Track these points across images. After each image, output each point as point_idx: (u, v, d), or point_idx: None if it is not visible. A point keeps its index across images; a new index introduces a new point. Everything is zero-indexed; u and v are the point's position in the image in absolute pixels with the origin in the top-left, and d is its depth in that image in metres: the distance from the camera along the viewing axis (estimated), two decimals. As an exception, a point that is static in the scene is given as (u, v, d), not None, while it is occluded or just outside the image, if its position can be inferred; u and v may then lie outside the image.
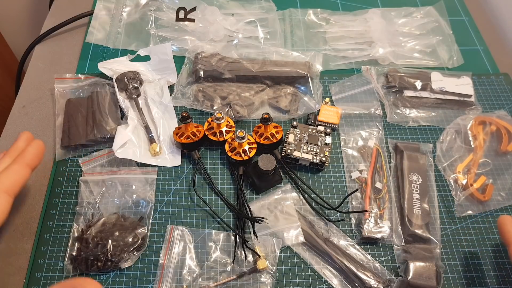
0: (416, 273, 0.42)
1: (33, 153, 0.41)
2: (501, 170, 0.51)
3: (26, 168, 0.41)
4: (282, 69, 0.56)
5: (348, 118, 0.55)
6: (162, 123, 0.53)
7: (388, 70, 0.58)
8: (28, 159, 0.41)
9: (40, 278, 0.42)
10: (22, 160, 0.41)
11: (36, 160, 0.42)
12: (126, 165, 0.49)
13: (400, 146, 0.51)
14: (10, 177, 0.39)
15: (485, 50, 0.65)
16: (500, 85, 0.60)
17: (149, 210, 0.46)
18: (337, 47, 0.63)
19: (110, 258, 0.42)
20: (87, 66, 0.59)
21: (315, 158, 0.49)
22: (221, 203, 0.48)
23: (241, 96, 0.54)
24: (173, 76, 0.56)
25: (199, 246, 0.44)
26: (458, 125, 0.54)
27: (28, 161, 0.41)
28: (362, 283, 0.42)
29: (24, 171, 0.40)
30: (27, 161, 0.41)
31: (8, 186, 0.39)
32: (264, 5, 0.66)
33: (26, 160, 0.41)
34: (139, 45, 0.61)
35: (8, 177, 0.39)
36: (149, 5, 0.65)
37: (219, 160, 0.51)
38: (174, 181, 0.49)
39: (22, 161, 0.40)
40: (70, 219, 0.45)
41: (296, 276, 0.43)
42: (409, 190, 0.48)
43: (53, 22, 0.63)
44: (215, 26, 0.61)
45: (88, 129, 0.50)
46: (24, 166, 0.40)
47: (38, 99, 0.56)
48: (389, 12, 0.66)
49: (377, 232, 0.45)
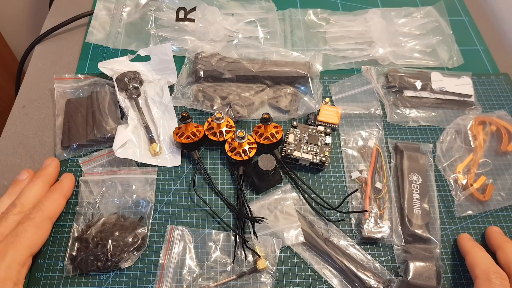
0: (416, 273, 0.42)
1: (70, 185, 0.46)
2: (501, 170, 0.51)
3: (64, 199, 0.45)
4: (282, 69, 0.56)
5: (348, 118, 0.55)
6: (162, 123, 0.53)
7: (388, 70, 0.58)
8: (66, 191, 0.45)
9: (40, 278, 0.42)
10: (61, 191, 0.45)
11: (71, 192, 0.46)
12: (126, 165, 0.49)
13: (400, 146, 0.51)
14: (53, 206, 0.43)
15: (485, 50, 0.65)
16: (500, 85, 0.60)
17: (149, 210, 0.46)
18: (337, 47, 0.63)
19: (110, 258, 0.42)
20: (87, 66, 0.59)
21: (315, 158, 0.49)
22: (221, 203, 0.48)
23: (241, 96, 0.54)
24: (173, 76, 0.56)
25: (199, 246, 0.44)
26: (458, 125, 0.54)
27: (65, 192, 0.45)
28: (362, 283, 0.42)
29: (63, 202, 0.45)
30: (65, 193, 0.45)
31: (52, 214, 0.43)
32: (264, 5, 0.66)
33: (64, 192, 0.45)
34: (139, 45, 0.61)
35: (52, 206, 0.43)
36: (149, 5, 0.65)
37: (219, 160, 0.51)
38: (174, 181, 0.49)
39: (61, 192, 0.45)
40: (70, 219, 0.45)
41: (296, 276, 0.43)
42: (409, 190, 0.48)
43: (53, 22, 0.63)
44: (215, 26, 0.61)
45: (88, 129, 0.50)
46: (63, 197, 0.45)
47: (38, 99, 0.56)
48: (389, 12, 0.66)
49: (377, 232, 0.45)
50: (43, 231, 0.41)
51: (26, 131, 0.53)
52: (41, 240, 0.41)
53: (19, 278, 0.38)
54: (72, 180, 0.47)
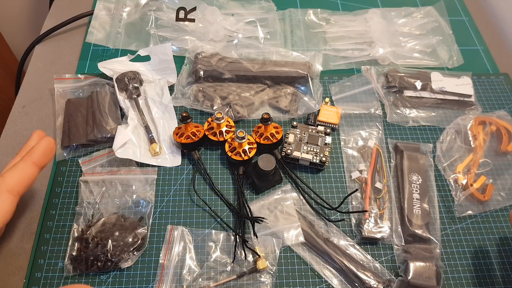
0: (416, 273, 0.42)
1: (42, 150, 0.39)
2: (501, 170, 0.51)
3: (33, 167, 0.39)
4: (282, 69, 0.56)
5: (348, 118, 0.55)
6: (162, 123, 0.53)
7: (388, 70, 0.58)
8: (35, 157, 0.39)
9: (40, 278, 0.42)
10: (29, 158, 0.39)
11: (44, 158, 0.39)
12: (126, 165, 0.49)
13: (400, 146, 0.51)
14: (14, 176, 0.37)
15: (485, 50, 0.65)
16: (500, 85, 0.60)
17: (149, 210, 0.46)
18: (337, 47, 0.63)
19: (110, 258, 0.42)
20: (87, 66, 0.59)
21: (315, 158, 0.49)
22: (221, 203, 0.48)
23: (241, 96, 0.54)
24: (173, 76, 0.56)
25: (199, 246, 0.44)
26: (458, 125, 0.54)
27: (35, 159, 0.39)
28: (362, 283, 0.42)
29: (31, 170, 0.38)
30: (34, 159, 0.39)
31: (12, 185, 0.37)
32: (264, 5, 0.66)
33: (33, 158, 0.39)
34: (139, 45, 0.61)
35: (13, 175, 0.37)
36: (149, 5, 0.65)
37: (219, 160, 0.51)
38: (174, 181, 0.49)
39: (29, 159, 0.38)
40: (70, 219, 0.45)
41: (296, 276, 0.43)
42: (409, 190, 0.48)
43: (53, 22, 0.63)
44: (215, 26, 0.61)
45: (88, 129, 0.50)
46: (30, 165, 0.38)
47: (38, 99, 0.56)
48: (389, 12, 0.66)
49: (377, 232, 0.45)
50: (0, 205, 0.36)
51: (26, 131, 0.53)
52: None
53: None
54: (47, 144, 0.40)
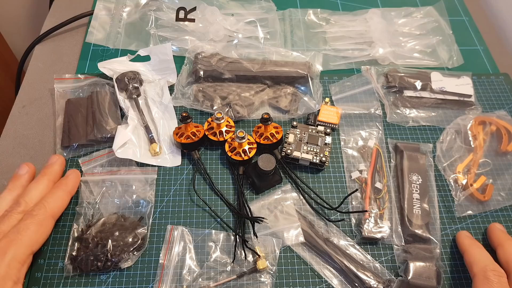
0: (416, 273, 0.42)
1: (75, 182, 0.45)
2: (501, 170, 0.51)
3: (69, 196, 0.44)
4: (282, 69, 0.56)
5: (348, 118, 0.55)
6: (162, 123, 0.53)
7: (388, 70, 0.58)
8: (70, 188, 0.45)
9: (40, 278, 0.42)
10: (66, 188, 0.44)
11: (76, 189, 0.46)
12: (126, 165, 0.49)
13: (400, 146, 0.51)
14: (57, 204, 0.42)
15: (485, 50, 0.65)
16: (500, 85, 0.60)
17: (149, 210, 0.46)
18: (337, 47, 0.63)
19: (110, 258, 0.42)
20: (87, 66, 0.59)
21: (315, 158, 0.49)
22: (221, 203, 0.48)
23: (241, 96, 0.54)
24: (173, 76, 0.56)
25: (199, 246, 0.44)
26: (458, 125, 0.54)
27: (70, 189, 0.44)
28: (362, 283, 0.42)
29: (67, 199, 0.44)
30: (69, 190, 0.44)
31: (55, 211, 0.42)
32: (264, 5, 0.66)
33: (69, 189, 0.44)
34: (139, 45, 0.61)
35: (56, 203, 0.42)
36: (149, 5, 0.65)
37: (219, 160, 0.51)
38: (174, 181, 0.49)
39: (66, 189, 0.44)
40: (70, 219, 0.45)
41: (296, 276, 0.43)
42: (409, 190, 0.48)
43: (53, 22, 0.63)
44: (215, 26, 0.61)
45: (88, 129, 0.50)
46: (67, 194, 0.44)
47: (38, 99, 0.56)
48: (389, 12, 0.66)
49: (377, 232, 0.45)
50: (45, 229, 0.41)
51: (26, 131, 0.53)
52: (42, 238, 0.40)
53: (19, 277, 0.38)
54: (77, 176, 0.46)
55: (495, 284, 0.38)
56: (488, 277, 0.39)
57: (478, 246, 0.43)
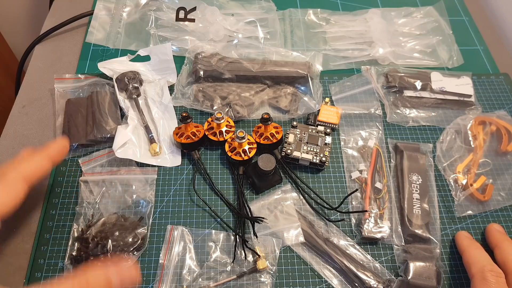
0: (416, 273, 0.42)
1: (57, 147, 0.42)
2: (501, 170, 0.51)
3: (48, 161, 0.40)
4: (282, 69, 0.56)
5: (348, 118, 0.55)
6: (162, 123, 0.53)
7: (388, 70, 0.58)
8: (52, 152, 0.41)
9: (40, 278, 0.42)
10: (44, 152, 0.41)
11: (58, 154, 0.42)
12: (126, 165, 0.49)
13: (400, 146, 0.51)
14: (31, 166, 0.39)
15: (485, 50, 0.65)
16: (500, 85, 0.60)
17: (149, 210, 0.46)
18: (337, 47, 0.63)
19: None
20: (87, 66, 0.59)
21: (315, 158, 0.49)
22: (221, 203, 0.48)
23: (241, 96, 0.54)
24: (173, 76, 0.56)
25: (199, 246, 0.44)
26: (458, 125, 0.54)
27: (51, 154, 0.41)
28: (362, 283, 0.42)
29: (46, 163, 0.40)
30: (50, 154, 0.41)
31: (27, 173, 0.38)
32: (264, 5, 0.66)
33: (49, 153, 0.41)
34: (139, 45, 0.61)
35: (29, 165, 0.39)
36: (149, 5, 0.65)
37: (219, 160, 0.51)
38: (174, 181, 0.49)
39: (44, 153, 0.41)
40: (70, 219, 0.45)
41: (296, 276, 0.43)
42: (409, 190, 0.48)
43: (53, 22, 0.63)
44: (215, 26, 0.61)
45: (88, 129, 0.50)
46: (45, 158, 0.40)
47: (38, 99, 0.56)
48: (389, 12, 0.66)
49: (377, 232, 0.45)
50: (14, 190, 0.37)
51: (26, 131, 0.53)
52: (9, 199, 0.36)
53: None
54: (62, 143, 0.42)
55: (493, 284, 0.38)
56: (486, 277, 0.39)
57: (477, 247, 0.43)
